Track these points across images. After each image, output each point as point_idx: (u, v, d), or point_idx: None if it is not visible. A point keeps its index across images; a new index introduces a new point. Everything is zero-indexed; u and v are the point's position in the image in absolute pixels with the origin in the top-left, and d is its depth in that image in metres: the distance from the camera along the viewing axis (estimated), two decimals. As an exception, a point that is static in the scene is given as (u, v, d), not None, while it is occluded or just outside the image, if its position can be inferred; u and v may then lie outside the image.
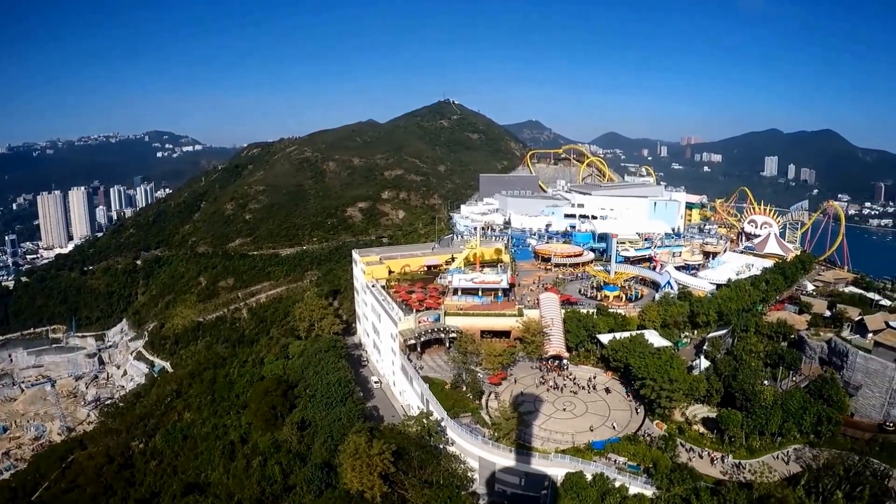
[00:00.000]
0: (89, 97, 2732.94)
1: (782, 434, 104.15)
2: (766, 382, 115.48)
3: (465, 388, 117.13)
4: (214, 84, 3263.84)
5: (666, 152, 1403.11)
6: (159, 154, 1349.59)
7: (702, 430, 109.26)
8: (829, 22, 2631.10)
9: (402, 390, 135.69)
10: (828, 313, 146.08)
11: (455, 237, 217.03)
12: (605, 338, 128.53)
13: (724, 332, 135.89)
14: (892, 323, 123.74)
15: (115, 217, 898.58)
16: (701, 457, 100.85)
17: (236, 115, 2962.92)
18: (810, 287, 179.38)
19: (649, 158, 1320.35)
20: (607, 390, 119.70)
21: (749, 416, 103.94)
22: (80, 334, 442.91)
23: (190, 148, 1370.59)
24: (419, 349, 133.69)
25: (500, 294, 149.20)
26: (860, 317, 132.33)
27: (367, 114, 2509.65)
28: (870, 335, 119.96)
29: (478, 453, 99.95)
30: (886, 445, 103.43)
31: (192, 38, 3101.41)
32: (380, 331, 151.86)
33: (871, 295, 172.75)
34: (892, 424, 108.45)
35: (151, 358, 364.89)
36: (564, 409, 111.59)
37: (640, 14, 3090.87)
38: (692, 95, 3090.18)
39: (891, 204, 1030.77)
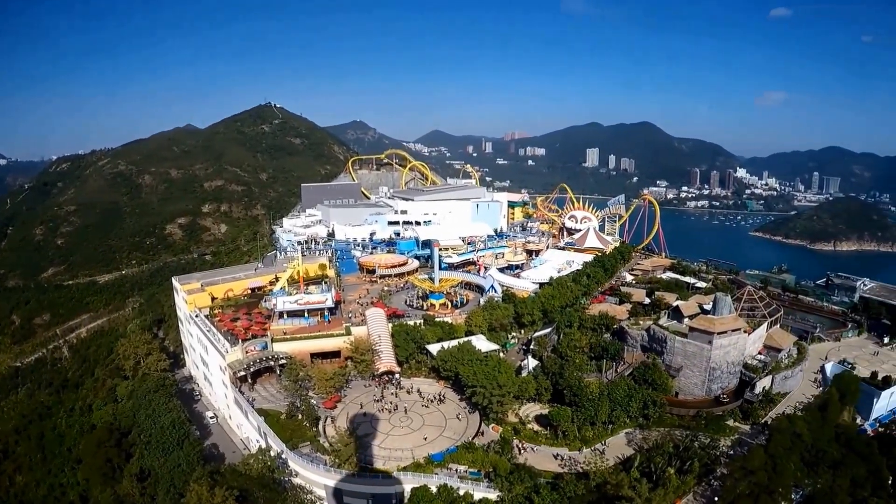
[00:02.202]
0: None
1: (612, 422, 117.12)
2: (592, 375, 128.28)
3: (300, 416, 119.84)
4: (16, 86, 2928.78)
5: (491, 148, 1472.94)
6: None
7: (536, 427, 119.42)
8: (645, 22, 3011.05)
9: (240, 423, 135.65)
10: (647, 301, 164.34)
11: (279, 253, 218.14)
12: (434, 348, 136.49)
13: (549, 329, 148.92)
14: (705, 307, 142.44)
15: None
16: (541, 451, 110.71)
17: (44, 122, 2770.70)
18: (629, 277, 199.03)
19: (474, 155, 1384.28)
20: (441, 400, 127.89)
21: (578, 409, 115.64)
22: None
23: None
24: (250, 380, 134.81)
25: (326, 313, 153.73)
26: (677, 301, 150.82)
27: (185, 118, 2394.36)
28: (686, 320, 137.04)
29: (322, 482, 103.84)
30: (710, 418, 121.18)
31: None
32: (209, 363, 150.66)
33: (686, 279, 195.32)
34: (726, 396, 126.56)
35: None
36: (402, 426, 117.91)
37: (461, 13, 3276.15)
38: (515, 91, 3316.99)
39: (705, 187, 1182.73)
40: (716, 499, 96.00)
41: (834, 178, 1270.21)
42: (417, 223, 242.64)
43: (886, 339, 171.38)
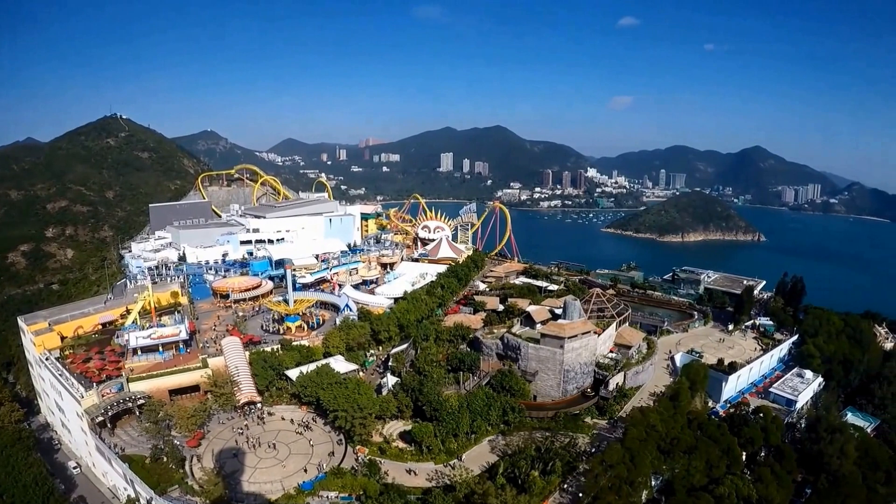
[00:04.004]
0: None
1: (475, 431, 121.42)
2: (451, 388, 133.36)
3: (166, 459, 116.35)
4: None
5: (345, 155, 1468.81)
6: None
7: (402, 445, 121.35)
8: (497, 29, 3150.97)
9: (105, 472, 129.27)
10: (501, 308, 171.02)
11: (128, 282, 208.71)
12: (293, 373, 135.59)
13: (406, 345, 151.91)
14: (556, 311, 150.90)
15: None
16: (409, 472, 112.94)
17: None
18: (482, 286, 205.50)
19: (329, 163, 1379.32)
20: (308, 426, 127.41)
21: (440, 424, 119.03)
22: None
23: None
24: (109, 424, 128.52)
25: (181, 346, 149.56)
26: (529, 307, 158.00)
27: (24, 131, 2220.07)
28: (538, 326, 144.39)
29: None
30: (567, 417, 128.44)
31: None
32: (65, 409, 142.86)
33: (539, 283, 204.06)
34: (591, 392, 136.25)
35: None
36: (269, 458, 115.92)
37: (311, 19, 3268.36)
38: (368, 98, 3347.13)
39: (558, 187, 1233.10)
40: (580, 495, 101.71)
41: (680, 174, 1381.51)
42: (270, 241, 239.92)
43: (731, 326, 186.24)
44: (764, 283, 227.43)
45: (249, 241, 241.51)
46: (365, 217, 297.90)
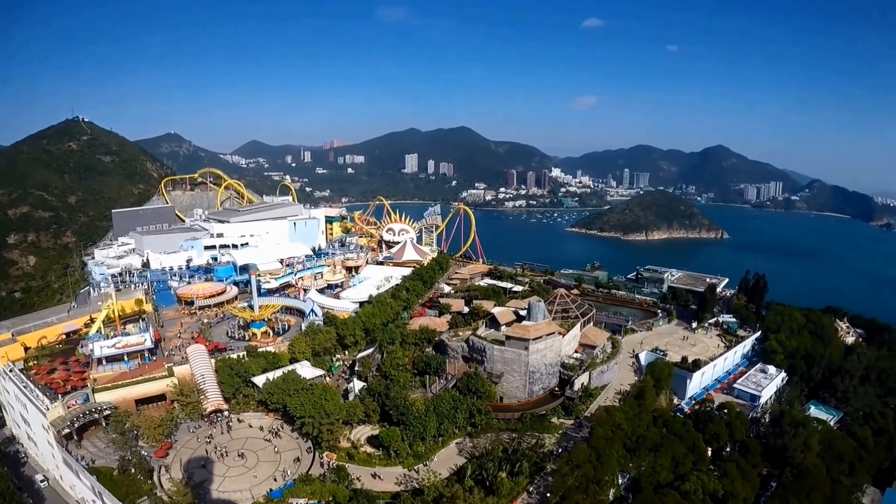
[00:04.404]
0: None
1: (442, 434, 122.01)
2: (418, 391, 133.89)
3: (133, 470, 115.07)
4: None
5: (310, 157, 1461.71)
6: None
7: (370, 449, 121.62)
8: (460, 29, 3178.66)
9: (73, 484, 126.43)
10: (466, 310, 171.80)
11: (92, 289, 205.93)
12: (259, 380, 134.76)
13: (372, 349, 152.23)
14: (521, 312, 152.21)
15: None
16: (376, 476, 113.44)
17: None
18: (447, 288, 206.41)
19: (293, 165, 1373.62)
20: (277, 433, 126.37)
21: (407, 428, 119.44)
22: None
23: None
24: (76, 436, 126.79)
25: (147, 355, 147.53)
26: (494, 308, 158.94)
27: None
28: (503, 328, 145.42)
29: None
30: (533, 418, 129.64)
31: None
32: (30, 422, 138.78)
33: (504, 284, 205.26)
34: (558, 390, 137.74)
35: None
36: (237, 466, 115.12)
37: (275, 23, 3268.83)
38: (332, 100, 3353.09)
39: (523, 187, 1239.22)
40: (548, 495, 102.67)
41: (643, 173, 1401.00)
42: (234, 246, 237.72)
43: (694, 324, 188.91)
44: (727, 280, 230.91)
45: (213, 247, 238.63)
46: (329, 220, 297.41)
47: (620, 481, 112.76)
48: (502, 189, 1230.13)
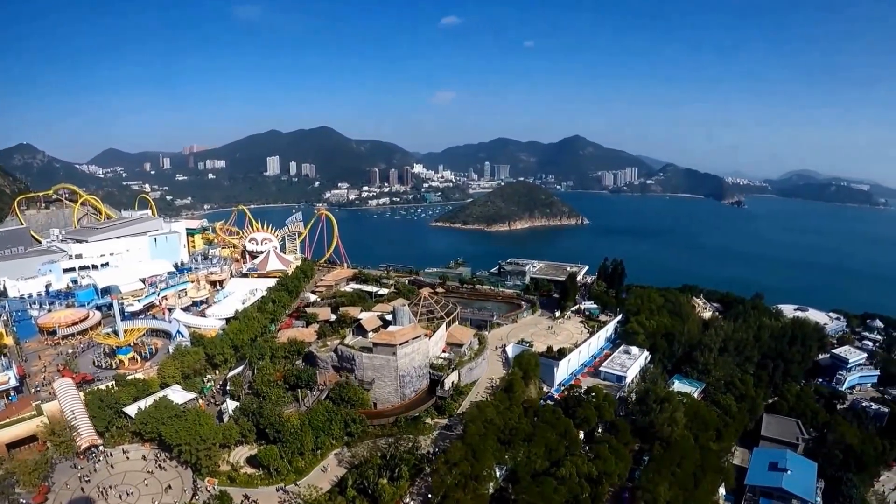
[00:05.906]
0: None
1: (320, 447, 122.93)
2: (291, 406, 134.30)
3: None
4: None
5: (169, 164, 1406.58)
6: None
7: (250, 470, 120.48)
8: (315, 27, 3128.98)
9: None
10: (333, 318, 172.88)
11: None
12: (131, 409, 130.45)
13: (242, 366, 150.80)
14: (387, 317, 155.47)
15: None
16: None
17: None
18: (313, 297, 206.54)
19: (152, 172, 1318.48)
20: (160, 466, 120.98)
21: (284, 444, 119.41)
22: None
23: None
24: None
25: (12, 394, 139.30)
26: (361, 315, 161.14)
27: None
28: (370, 334, 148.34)
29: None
30: (408, 421, 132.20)
31: None
32: None
33: (369, 288, 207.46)
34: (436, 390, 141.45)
35: None
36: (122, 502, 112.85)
37: (123, 18, 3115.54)
38: (188, 103, 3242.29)
39: (386, 185, 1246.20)
40: (430, 496, 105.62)
41: (504, 165, 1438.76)
42: (94, 267, 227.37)
43: (557, 313, 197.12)
44: (587, 267, 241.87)
45: (73, 269, 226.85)
46: (191, 232, 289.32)
47: (498, 474, 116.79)
48: (365, 188, 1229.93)
